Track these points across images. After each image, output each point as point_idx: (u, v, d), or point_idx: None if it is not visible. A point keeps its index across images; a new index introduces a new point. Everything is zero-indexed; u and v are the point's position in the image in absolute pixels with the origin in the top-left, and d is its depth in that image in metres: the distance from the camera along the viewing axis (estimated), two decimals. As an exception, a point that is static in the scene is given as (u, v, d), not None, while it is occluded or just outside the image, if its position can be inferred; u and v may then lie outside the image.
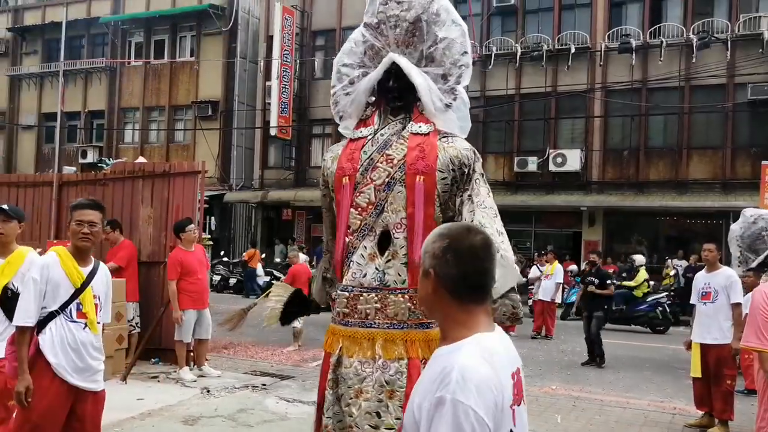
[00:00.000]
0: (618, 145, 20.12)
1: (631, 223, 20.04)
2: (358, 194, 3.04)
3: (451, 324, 1.60)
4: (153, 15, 26.19)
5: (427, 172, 2.95)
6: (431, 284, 1.60)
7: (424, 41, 3.18)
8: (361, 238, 3.02)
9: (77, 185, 9.40)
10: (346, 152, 3.16)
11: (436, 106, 3.10)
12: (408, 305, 2.92)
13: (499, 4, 21.09)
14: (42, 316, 3.41)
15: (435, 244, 1.62)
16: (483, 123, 21.38)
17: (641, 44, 19.46)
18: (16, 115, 28.78)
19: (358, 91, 3.24)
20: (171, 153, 25.45)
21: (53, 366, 3.38)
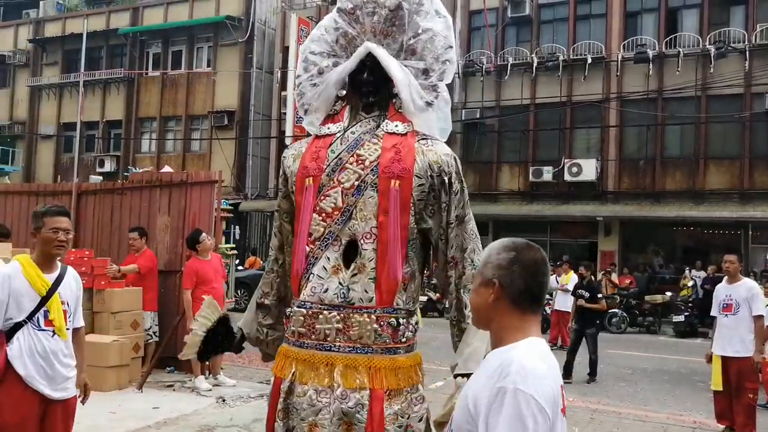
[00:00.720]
0: (634, 154, 20.02)
1: (647, 233, 19.89)
2: (323, 198, 2.69)
3: (507, 330, 1.66)
4: (170, 26, 26.51)
5: (404, 176, 2.64)
6: (493, 293, 1.66)
7: (404, 31, 2.84)
8: (323, 247, 2.67)
9: (95, 194, 9.49)
10: (310, 150, 2.82)
11: (416, 104, 2.78)
12: (374, 327, 2.58)
13: (514, 14, 21.12)
14: (8, 327, 3.36)
15: (501, 255, 1.68)
16: (498, 133, 21.39)
17: (657, 54, 19.39)
18: (36, 125, 29.17)
19: (327, 82, 2.88)
20: (187, 162, 25.65)
21: (23, 377, 3.32)
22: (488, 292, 1.66)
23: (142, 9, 27.69)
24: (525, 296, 1.65)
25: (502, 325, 1.67)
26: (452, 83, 17.93)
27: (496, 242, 1.74)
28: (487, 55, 21.25)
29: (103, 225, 9.04)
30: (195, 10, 26.38)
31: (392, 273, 2.59)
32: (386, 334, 2.60)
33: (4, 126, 29.59)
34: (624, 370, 9.67)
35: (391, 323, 2.61)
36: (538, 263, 1.68)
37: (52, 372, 3.39)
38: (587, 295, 9.40)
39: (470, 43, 22.12)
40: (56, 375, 3.41)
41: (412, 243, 2.68)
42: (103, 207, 9.13)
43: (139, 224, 8.40)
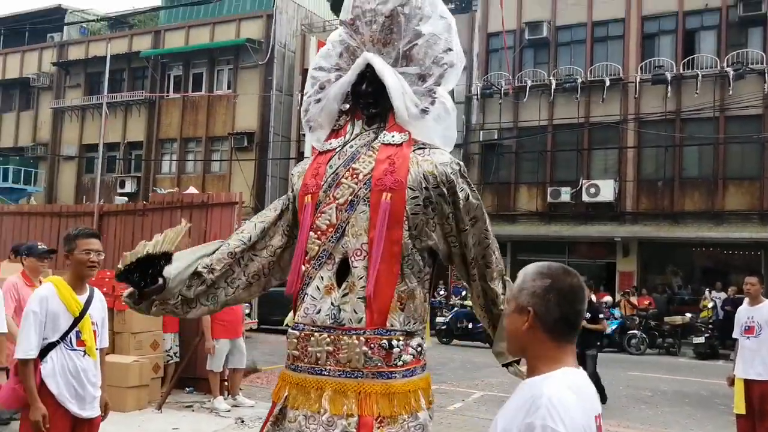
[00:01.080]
0: (652, 175, 19.94)
1: (666, 254, 19.73)
2: (319, 215, 2.59)
3: (541, 359, 1.62)
4: (192, 49, 26.93)
5: (395, 188, 2.49)
6: (528, 322, 1.60)
7: (401, 38, 2.73)
8: (318, 266, 2.55)
9: (117, 215, 9.64)
10: (312, 167, 2.72)
11: (409, 111, 2.64)
12: (364, 349, 2.42)
13: (532, 37, 21.26)
14: (43, 347, 3.46)
15: (536, 283, 1.62)
16: (516, 154, 21.43)
17: (675, 75, 19.38)
18: (58, 146, 29.67)
19: (328, 97, 2.80)
20: (207, 183, 25.92)
21: (56, 396, 3.42)
22: (522, 319, 1.61)
23: (163, 32, 28.19)
24: (561, 325, 1.60)
25: (536, 354, 1.62)
26: (470, 104, 18.13)
27: (530, 267, 1.67)
28: (505, 76, 21.37)
29: (124, 246, 9.14)
30: (216, 33, 26.82)
31: (381, 291, 2.44)
32: (378, 357, 2.43)
33: (28, 147, 30.11)
34: (644, 392, 9.57)
35: (383, 345, 2.43)
36: (575, 290, 1.62)
37: (82, 391, 3.49)
38: (588, 315, 8.99)
39: (488, 64, 22.26)
40: (86, 394, 3.51)
41: (408, 259, 2.51)
42: (125, 228, 9.26)
43: (160, 245, 8.49)
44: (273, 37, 25.70)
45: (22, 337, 3.48)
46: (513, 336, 1.67)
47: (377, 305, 2.44)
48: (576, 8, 20.82)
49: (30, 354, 3.44)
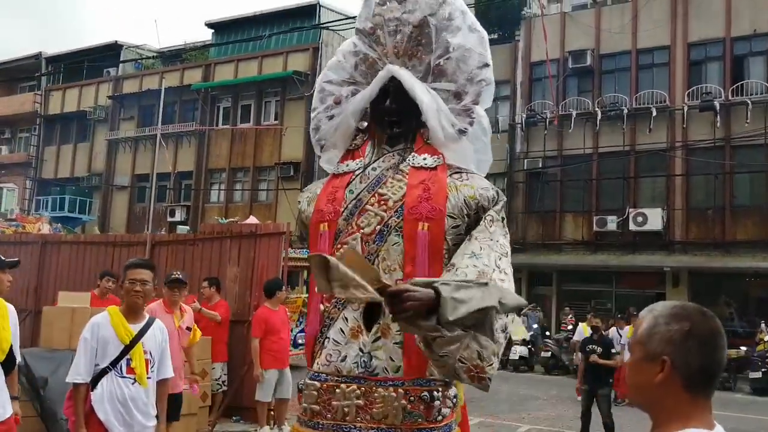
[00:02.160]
0: (702, 203, 19.50)
1: (718, 285, 19.18)
2: (340, 246, 2.29)
3: (671, 415, 1.39)
4: (240, 82, 27.65)
5: (434, 217, 2.22)
6: (662, 374, 1.37)
7: (432, 51, 2.45)
8: (341, 306, 2.25)
9: (168, 245, 9.90)
10: (326, 191, 2.42)
11: (446, 132, 2.38)
12: (402, 403, 2.11)
13: (575, 65, 21.21)
14: (95, 373, 3.58)
15: (672, 327, 1.39)
16: (561, 182, 21.25)
17: (724, 102, 19.03)
18: (112, 176, 30.67)
19: (345, 113, 2.50)
20: (254, 212, 26.28)
21: (103, 421, 3.52)
22: (654, 370, 1.38)
23: (213, 65, 29.05)
24: (699, 377, 1.37)
25: (665, 408, 1.39)
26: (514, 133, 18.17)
27: (660, 307, 1.45)
28: (549, 105, 21.33)
29: (175, 275, 9.40)
30: (263, 66, 27.50)
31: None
32: (418, 411, 2.12)
33: (83, 177, 31.18)
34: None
35: (423, 398, 2.13)
36: (716, 336, 1.39)
37: (129, 419, 3.57)
38: (599, 350, 8.34)
39: (531, 93, 22.26)
40: (134, 422, 3.58)
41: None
42: (176, 257, 9.50)
43: (209, 274, 8.71)
44: (319, 69, 26.19)
45: (74, 361, 3.63)
46: (639, 387, 1.43)
47: (417, 351, 2.08)
48: (620, 36, 20.72)
49: (77, 379, 3.58)
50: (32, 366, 5.99)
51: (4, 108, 34.50)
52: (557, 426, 9.61)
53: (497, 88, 13.28)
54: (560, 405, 11.38)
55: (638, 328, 1.45)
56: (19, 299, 10.53)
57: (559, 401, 11.78)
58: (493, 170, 15.91)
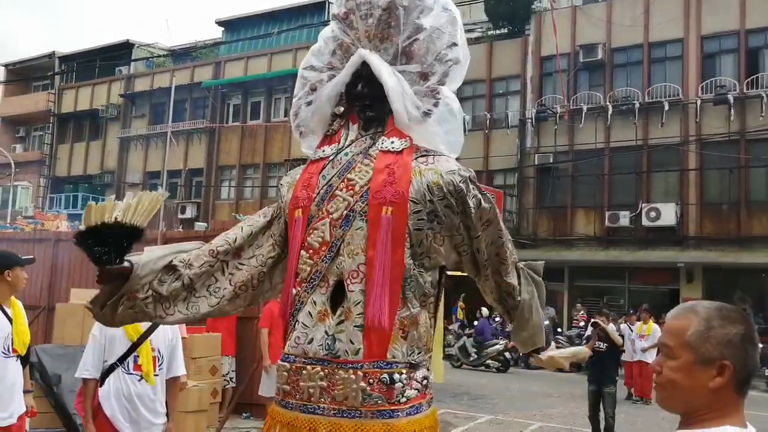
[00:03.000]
0: (716, 198, 19.31)
1: (733, 281, 18.96)
2: (311, 231, 2.29)
3: (713, 414, 1.37)
4: (250, 79, 27.72)
5: (397, 201, 2.21)
6: (721, 378, 1.34)
7: (400, 32, 2.44)
8: (310, 289, 2.25)
9: (180, 242, 9.94)
10: (303, 177, 2.43)
11: (410, 114, 2.35)
12: (362, 385, 2.13)
13: (587, 59, 21.04)
14: (104, 369, 3.62)
15: (729, 330, 1.36)
16: (572, 177, 21.12)
17: (738, 95, 18.82)
18: (124, 173, 30.86)
19: (320, 98, 2.50)
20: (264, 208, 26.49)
21: (109, 417, 3.55)
22: (709, 373, 1.34)
23: (223, 63, 29.15)
24: (748, 379, 1.36)
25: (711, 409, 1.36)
26: (524, 128, 18.05)
27: (702, 307, 1.42)
28: (559, 100, 21.19)
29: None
30: (273, 63, 27.55)
31: (380, 319, 2.14)
32: (378, 393, 2.13)
33: (96, 175, 31.44)
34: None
35: (383, 380, 2.15)
36: (757, 337, 1.40)
37: (136, 415, 3.59)
38: (604, 347, 8.28)
39: (542, 88, 22.12)
40: (140, 419, 3.60)
41: (409, 281, 2.22)
42: (187, 254, 9.52)
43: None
44: (328, 65, 26.21)
45: (83, 357, 3.67)
46: (689, 391, 1.37)
47: (376, 334, 2.15)
48: (632, 29, 20.53)
49: (84, 374, 3.63)
50: (45, 362, 6.03)
51: (19, 107, 34.82)
52: (569, 423, 9.55)
53: (507, 82, 13.45)
54: (572, 402, 11.30)
55: (682, 330, 1.39)
56: (32, 296, 10.64)
57: (571, 398, 11.71)
58: (504, 165, 15.98)
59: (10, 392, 3.78)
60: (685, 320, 1.40)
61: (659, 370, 1.42)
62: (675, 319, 1.43)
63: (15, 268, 3.86)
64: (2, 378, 3.72)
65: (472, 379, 14.02)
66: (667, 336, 1.42)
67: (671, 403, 1.41)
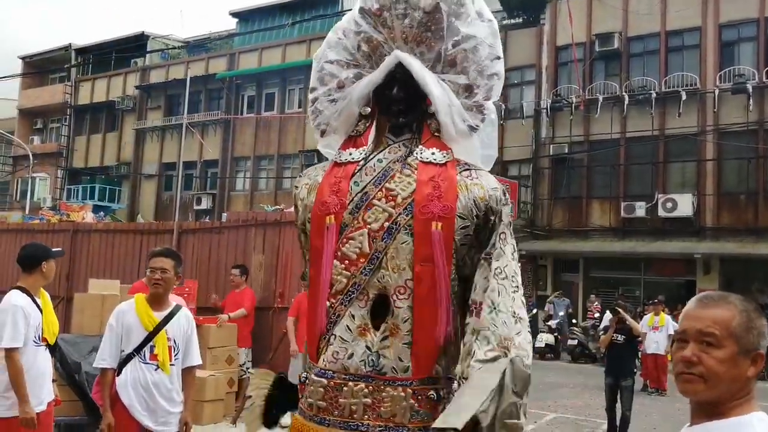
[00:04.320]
0: (734, 188, 19.11)
1: (750, 272, 18.76)
2: (346, 241, 2.20)
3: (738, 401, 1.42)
4: (264, 70, 27.75)
5: (446, 216, 2.15)
6: (755, 367, 1.42)
7: (442, 38, 2.31)
8: (347, 302, 2.18)
9: (195, 233, 10.01)
10: (328, 181, 2.31)
11: (458, 128, 2.29)
12: (411, 402, 2.10)
13: (602, 48, 20.85)
14: (121, 359, 3.68)
15: (762, 322, 1.44)
16: (588, 168, 20.99)
17: (757, 84, 18.57)
18: (140, 165, 31.07)
19: (350, 99, 2.38)
20: (279, 199, 26.51)
21: (126, 406, 3.61)
22: (747, 363, 1.41)
23: (238, 54, 29.19)
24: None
25: (741, 396, 1.42)
26: (539, 118, 17.90)
27: (735, 298, 1.48)
28: (575, 90, 21.02)
29: (201, 262, 9.50)
30: (287, 54, 27.56)
31: (433, 337, 2.13)
32: (425, 410, 2.11)
33: (113, 167, 31.67)
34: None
35: (430, 397, 2.13)
36: None
37: (153, 404, 3.65)
38: (622, 339, 8.06)
39: (557, 78, 21.96)
40: (157, 408, 3.65)
41: (454, 296, 2.21)
42: (203, 245, 9.59)
43: (235, 262, 8.78)
44: (342, 56, 26.18)
45: (100, 347, 3.75)
46: (732, 380, 1.41)
47: (425, 352, 2.13)
48: (648, 18, 20.29)
49: (102, 363, 3.71)
50: (65, 352, 6.11)
51: (36, 99, 35.14)
52: (583, 414, 9.55)
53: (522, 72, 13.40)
54: (586, 393, 11.29)
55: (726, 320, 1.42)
56: (51, 286, 10.73)
57: (586, 389, 11.70)
58: (519, 156, 15.87)
59: (41, 380, 3.87)
60: (726, 310, 1.43)
61: (696, 360, 1.41)
62: (711, 308, 1.45)
63: (50, 260, 3.98)
64: (33, 366, 3.80)
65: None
66: (708, 324, 1.42)
67: (707, 393, 1.41)
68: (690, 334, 1.44)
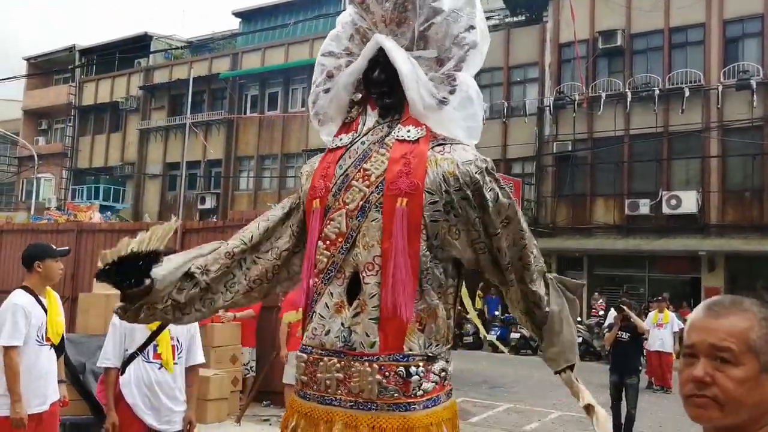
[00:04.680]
0: (739, 185, 19.06)
1: (756, 269, 18.70)
2: (328, 222, 2.27)
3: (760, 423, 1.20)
4: (267, 70, 27.78)
5: (412, 192, 2.16)
6: None
7: (417, 16, 2.34)
8: (327, 281, 2.24)
9: (199, 232, 10.03)
10: (321, 167, 2.39)
11: (425, 102, 2.28)
12: (377, 378, 2.11)
13: (605, 45, 20.81)
14: (125, 358, 3.70)
15: None
16: (591, 165, 20.96)
17: (762, 80, 18.51)
18: (144, 165, 31.14)
19: (337, 85, 2.43)
20: (282, 199, 26.46)
21: (130, 405, 3.62)
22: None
23: (241, 54, 29.22)
24: None
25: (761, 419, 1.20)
26: (543, 116, 17.81)
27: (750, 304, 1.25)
28: (578, 87, 20.99)
29: (205, 262, 9.51)
30: (290, 53, 27.58)
31: (398, 312, 2.11)
32: (394, 386, 2.11)
33: (117, 167, 31.76)
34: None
35: (399, 373, 2.13)
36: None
37: (156, 403, 3.66)
38: (626, 336, 7.97)
39: (561, 75, 21.92)
40: (161, 406, 3.67)
41: (426, 273, 2.19)
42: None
43: (238, 261, 8.77)
44: (345, 55, 26.18)
45: (104, 347, 3.76)
46: (753, 405, 1.18)
47: (392, 327, 2.13)
48: (652, 14, 20.24)
49: (106, 363, 3.72)
50: (69, 351, 6.13)
51: (41, 100, 35.27)
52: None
53: (525, 70, 13.36)
54: (591, 391, 11.24)
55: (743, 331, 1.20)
56: (56, 286, 10.80)
57: (590, 387, 11.60)
58: (522, 154, 15.87)
59: (44, 379, 3.88)
60: (742, 320, 1.21)
61: (710, 381, 1.19)
62: (724, 316, 1.22)
63: (46, 260, 3.97)
64: (35, 365, 3.81)
65: (492, 367, 14.04)
66: (722, 336, 1.19)
67: (725, 420, 1.19)
68: (700, 348, 1.21)
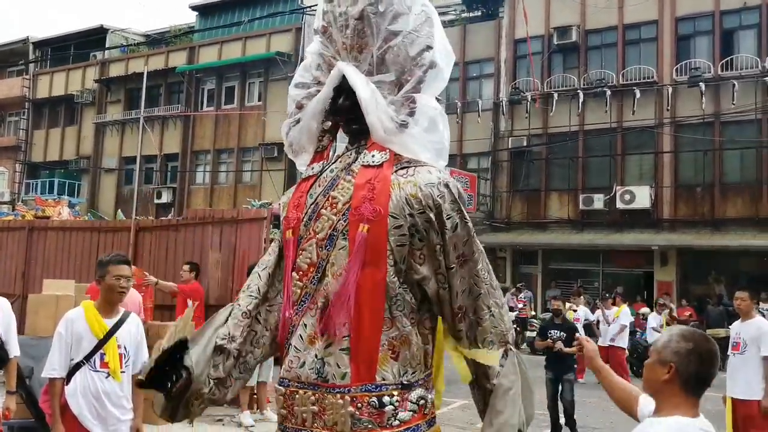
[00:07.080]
0: (690, 181, 19.51)
1: (707, 263, 19.14)
2: (301, 252, 2.26)
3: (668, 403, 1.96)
4: (224, 63, 27.44)
5: (374, 218, 2.13)
6: (668, 375, 1.95)
7: (375, 40, 2.31)
8: (300, 312, 2.22)
9: (152, 231, 9.88)
10: (295, 197, 2.39)
11: (384, 126, 2.23)
12: (350, 410, 2.08)
13: (560, 41, 21.07)
14: (70, 367, 3.60)
15: (680, 344, 1.96)
16: (546, 160, 21.23)
17: (712, 77, 18.97)
18: (100, 159, 30.49)
19: (306, 115, 2.44)
20: (239, 193, 26.32)
21: (76, 415, 3.54)
22: (663, 371, 1.96)
23: (198, 48, 28.79)
24: (693, 381, 1.94)
25: (665, 398, 1.97)
26: (498, 111, 17.87)
27: (676, 329, 2.05)
28: (533, 83, 21.22)
29: (158, 260, 9.38)
30: (247, 47, 27.26)
31: (365, 341, 2.09)
32: (367, 418, 2.08)
33: (72, 161, 31.04)
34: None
35: (372, 404, 2.09)
36: (712, 356, 1.96)
37: (103, 412, 3.58)
38: (563, 335, 7.80)
39: (516, 71, 22.12)
40: (108, 416, 3.59)
41: (395, 300, 2.15)
42: (159, 243, 9.49)
43: (192, 260, 8.70)
44: (302, 50, 25.91)
45: (49, 356, 3.64)
46: (650, 381, 2.02)
47: (364, 357, 2.10)
48: (606, 11, 20.55)
49: (52, 373, 3.61)
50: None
51: (-6, 92, 34.19)
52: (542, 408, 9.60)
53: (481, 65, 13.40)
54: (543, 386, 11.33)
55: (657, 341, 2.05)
56: (7, 285, 10.53)
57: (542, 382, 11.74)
58: (477, 149, 15.96)
59: None
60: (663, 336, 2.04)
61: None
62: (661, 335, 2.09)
63: None
64: None
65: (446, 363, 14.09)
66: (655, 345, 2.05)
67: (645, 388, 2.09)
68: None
